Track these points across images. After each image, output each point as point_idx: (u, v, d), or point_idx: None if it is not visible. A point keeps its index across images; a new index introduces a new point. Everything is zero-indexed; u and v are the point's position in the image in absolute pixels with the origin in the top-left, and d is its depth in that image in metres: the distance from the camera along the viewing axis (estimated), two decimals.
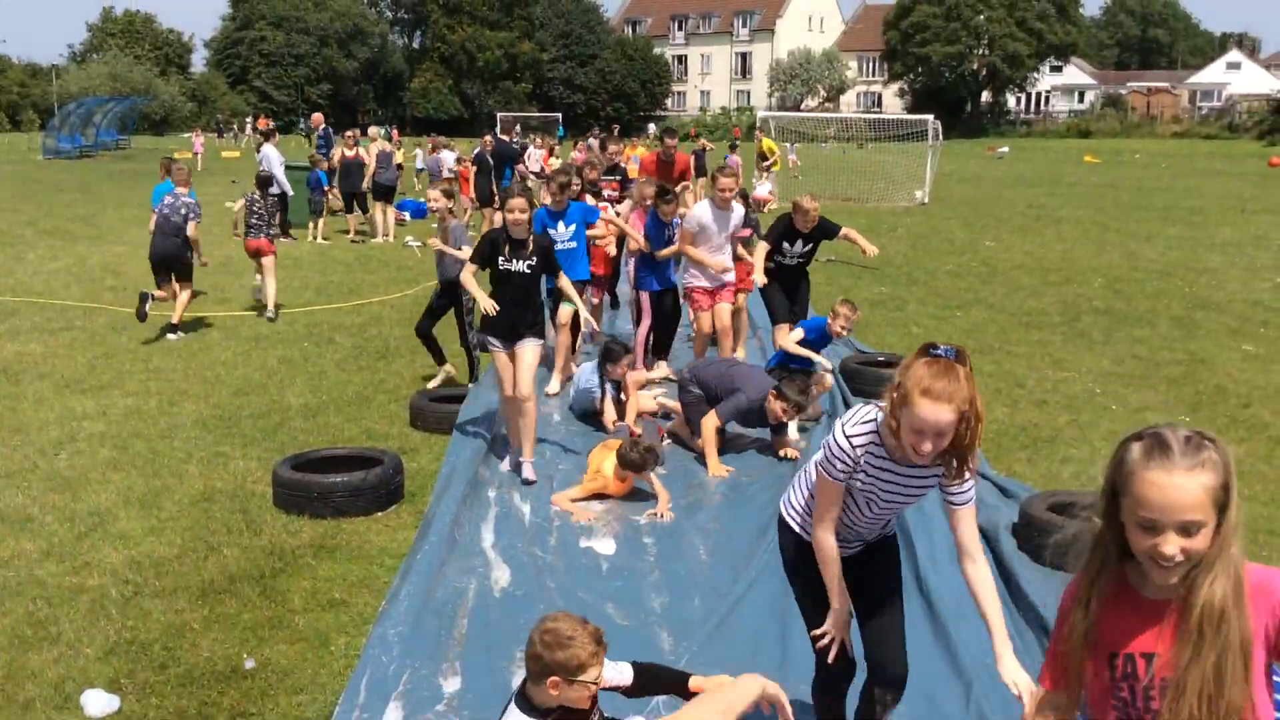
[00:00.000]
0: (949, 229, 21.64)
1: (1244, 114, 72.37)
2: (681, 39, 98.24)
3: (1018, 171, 42.11)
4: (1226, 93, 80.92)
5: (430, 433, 7.87)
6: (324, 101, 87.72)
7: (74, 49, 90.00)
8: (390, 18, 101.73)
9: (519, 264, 6.70)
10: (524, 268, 6.71)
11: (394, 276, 15.22)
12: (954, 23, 76.64)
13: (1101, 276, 15.33)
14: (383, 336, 11.27)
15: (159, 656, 4.65)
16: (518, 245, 6.71)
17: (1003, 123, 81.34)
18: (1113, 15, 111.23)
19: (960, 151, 54.66)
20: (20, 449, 7.45)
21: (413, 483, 6.78)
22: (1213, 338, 11.33)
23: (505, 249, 6.70)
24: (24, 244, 17.62)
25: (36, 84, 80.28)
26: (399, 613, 4.89)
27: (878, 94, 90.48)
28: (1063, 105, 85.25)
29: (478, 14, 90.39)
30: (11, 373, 9.52)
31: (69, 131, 45.62)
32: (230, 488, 6.73)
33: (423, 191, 28.16)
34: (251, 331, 11.47)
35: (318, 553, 5.75)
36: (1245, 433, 7.99)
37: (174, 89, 78.17)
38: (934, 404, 2.94)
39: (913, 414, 2.97)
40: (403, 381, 9.42)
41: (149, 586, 5.32)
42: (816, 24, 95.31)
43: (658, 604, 5.23)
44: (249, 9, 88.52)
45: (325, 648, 4.73)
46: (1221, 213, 25.28)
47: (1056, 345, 10.94)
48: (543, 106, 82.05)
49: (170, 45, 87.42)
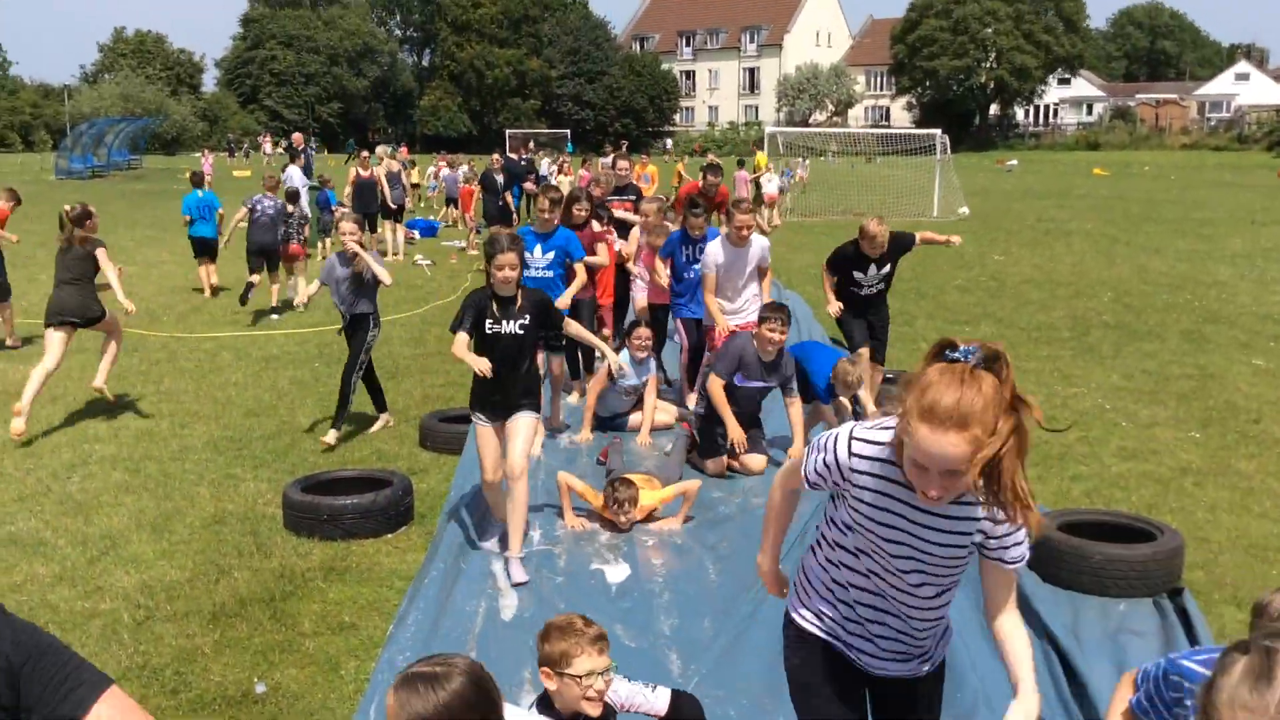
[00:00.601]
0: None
1: (1253, 125, 72.31)
2: (689, 54, 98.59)
3: (1026, 184, 42.10)
4: (1235, 104, 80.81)
5: (439, 453, 7.89)
6: (334, 120, 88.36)
7: (86, 69, 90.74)
8: (400, 36, 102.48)
9: (509, 325, 5.77)
10: (515, 329, 5.78)
11: (404, 296, 15.27)
12: (961, 36, 76.77)
13: (1111, 290, 15.31)
14: (392, 356, 11.31)
15: (171, 682, 4.66)
16: (506, 304, 5.78)
17: (1011, 135, 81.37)
18: (1120, 27, 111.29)
19: (968, 165, 54.66)
20: (33, 472, 7.48)
21: (422, 504, 6.79)
22: (1223, 352, 11.31)
23: (493, 309, 5.78)
24: (36, 265, 17.72)
25: (49, 104, 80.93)
26: (406, 638, 4.90)
27: (886, 108, 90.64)
28: (1071, 118, 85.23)
29: (486, 32, 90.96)
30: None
31: (81, 152, 45.94)
32: (241, 510, 6.76)
33: (430, 209, 28.28)
34: (262, 352, 11.52)
35: (328, 575, 5.77)
36: (1256, 448, 7.96)
37: (185, 109, 78.72)
38: (938, 432, 2.21)
39: (913, 442, 2.28)
40: (412, 401, 9.45)
41: (161, 611, 5.34)
42: (824, 39, 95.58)
43: (667, 626, 5.23)
44: (259, 29, 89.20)
45: (335, 672, 4.75)
46: (1231, 225, 25.24)
47: (1066, 360, 10.93)
48: (551, 123, 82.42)
49: (181, 65, 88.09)
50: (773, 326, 7.12)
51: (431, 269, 18.01)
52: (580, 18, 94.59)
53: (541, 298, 5.97)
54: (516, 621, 5.27)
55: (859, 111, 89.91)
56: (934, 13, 78.37)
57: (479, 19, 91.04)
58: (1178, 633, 4.92)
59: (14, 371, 10.48)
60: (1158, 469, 7.49)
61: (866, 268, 8.41)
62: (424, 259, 18.70)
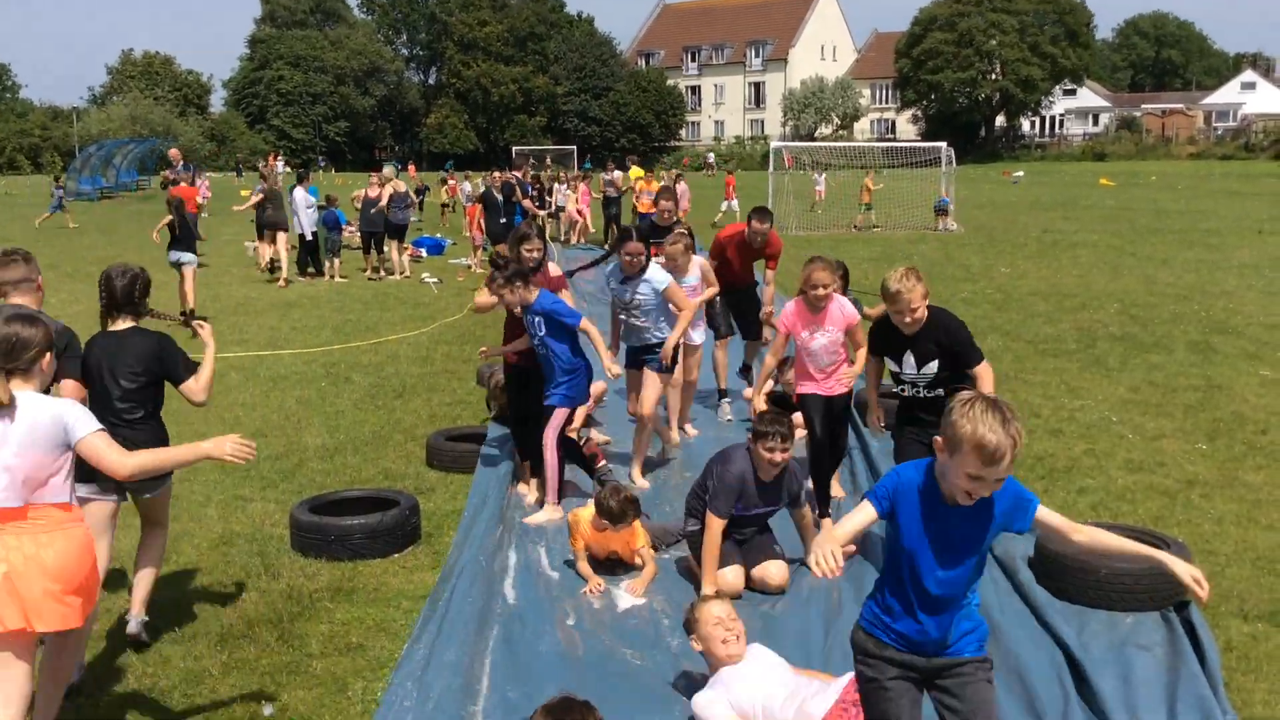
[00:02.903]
0: (964, 256, 21.65)
1: (1260, 134, 72.23)
2: (695, 70, 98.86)
3: (1033, 196, 42.10)
4: (1242, 113, 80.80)
5: (447, 472, 7.90)
6: (341, 139, 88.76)
7: (94, 91, 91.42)
8: (406, 55, 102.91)
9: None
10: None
11: (410, 314, 15.32)
12: (966, 49, 76.86)
13: (1118, 302, 15.30)
14: (399, 375, 11.34)
15: (179, 704, 4.68)
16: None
17: (1017, 147, 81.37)
18: (1126, 37, 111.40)
19: (975, 176, 54.68)
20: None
21: (429, 523, 6.81)
22: (1230, 363, 11.29)
23: None
24: (46, 288, 17.73)
25: (58, 126, 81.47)
26: (417, 661, 4.91)
27: (891, 121, 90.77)
28: (1077, 128, 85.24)
29: (492, 50, 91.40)
30: None
31: (90, 173, 46.19)
32: (249, 531, 6.78)
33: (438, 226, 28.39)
34: (270, 372, 11.56)
35: (335, 596, 5.78)
36: (1263, 460, 7.95)
37: (193, 129, 79.13)
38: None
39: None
40: (419, 420, 9.47)
41: (168, 633, 5.35)
42: (829, 52, 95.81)
43: (675, 644, 5.23)
44: (266, 49, 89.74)
45: (343, 693, 4.76)
46: (1239, 234, 25.21)
47: (1073, 373, 10.91)
48: (558, 139, 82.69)
49: (189, 86, 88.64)
50: (770, 445, 5.56)
51: (439, 287, 18.07)
52: (586, 34, 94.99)
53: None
54: (527, 642, 5.27)
55: (864, 125, 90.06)
56: (939, 25, 78.50)
57: (485, 37, 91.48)
58: (1184, 646, 4.91)
59: None
60: (1164, 481, 7.48)
61: (902, 352, 5.77)
62: (431, 277, 18.77)
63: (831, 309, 6.57)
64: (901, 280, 5.48)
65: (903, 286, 5.47)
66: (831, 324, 6.57)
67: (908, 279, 5.48)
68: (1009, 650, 4.91)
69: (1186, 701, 4.41)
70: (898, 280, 5.49)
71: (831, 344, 6.59)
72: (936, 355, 5.62)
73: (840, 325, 6.59)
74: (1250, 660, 4.93)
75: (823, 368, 6.62)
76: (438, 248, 23.52)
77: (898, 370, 5.81)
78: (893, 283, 5.50)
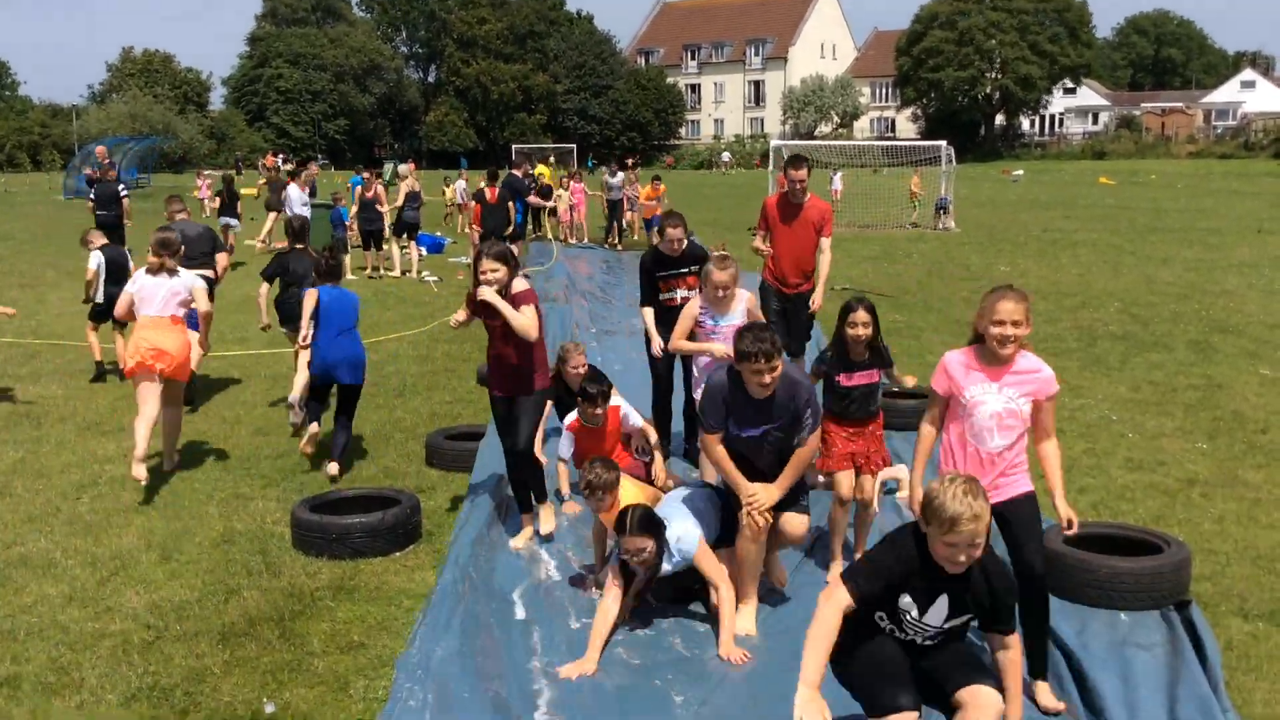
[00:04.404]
0: (964, 255, 21.65)
1: (1259, 133, 72.22)
2: (694, 68, 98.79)
3: (1032, 195, 42.10)
4: (1241, 111, 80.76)
5: (447, 471, 7.91)
6: (341, 137, 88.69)
7: (94, 89, 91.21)
8: (405, 53, 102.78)
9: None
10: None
11: (411, 313, 15.32)
12: (966, 47, 76.82)
13: (1118, 300, 15.31)
14: (400, 374, 11.34)
15: (181, 702, 4.69)
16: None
17: (1017, 145, 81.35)
18: (1126, 36, 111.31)
19: (974, 175, 54.68)
20: (43, 493, 7.52)
21: (430, 522, 6.82)
22: (1230, 362, 11.30)
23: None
24: (46, 285, 17.81)
25: (57, 124, 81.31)
26: (416, 658, 4.92)
27: (891, 119, 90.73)
28: (1077, 127, 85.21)
29: (492, 47, 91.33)
30: (34, 416, 9.62)
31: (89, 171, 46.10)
32: (250, 529, 6.78)
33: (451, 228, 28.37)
34: (270, 370, 11.57)
35: (336, 594, 5.79)
36: (1263, 459, 7.95)
37: (193, 127, 78.97)
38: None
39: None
40: (420, 419, 9.48)
41: (170, 631, 5.36)
42: (829, 51, 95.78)
43: (676, 642, 5.24)
44: (266, 47, 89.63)
45: (344, 691, 4.76)
46: (1238, 233, 25.23)
47: (1073, 372, 10.92)
48: (557, 137, 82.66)
49: (189, 84, 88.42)
50: (757, 367, 4.94)
51: (439, 285, 18.07)
52: (585, 32, 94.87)
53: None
54: (525, 639, 5.28)
55: (864, 123, 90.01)
56: (939, 24, 78.46)
57: (485, 35, 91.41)
58: (1184, 645, 4.91)
59: (23, 393, 10.54)
60: (1165, 480, 7.49)
61: (934, 596, 3.80)
62: (431, 275, 18.77)
63: (1020, 362, 4.52)
64: (963, 499, 3.58)
65: (964, 508, 3.56)
66: (1015, 384, 4.49)
67: (971, 495, 3.59)
68: None
69: (1187, 701, 4.41)
70: (957, 499, 3.57)
71: (1011, 417, 4.48)
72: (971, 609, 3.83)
73: (1034, 389, 4.51)
74: (1251, 659, 4.94)
75: (991, 453, 4.49)
76: (437, 246, 23.51)
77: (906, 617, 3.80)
78: (950, 502, 3.57)
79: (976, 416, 4.47)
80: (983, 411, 4.45)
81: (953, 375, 4.54)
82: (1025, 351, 4.50)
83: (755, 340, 4.93)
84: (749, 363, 4.95)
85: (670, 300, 7.82)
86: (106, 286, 10.69)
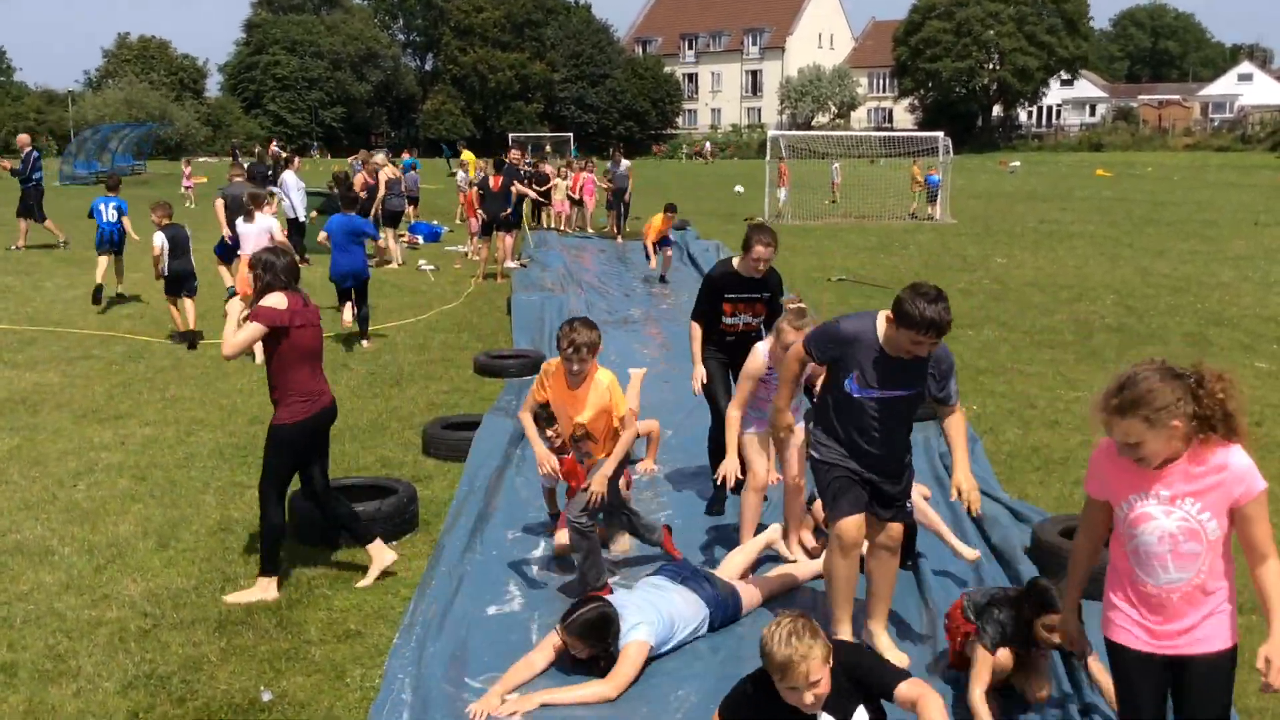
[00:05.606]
0: (960, 246, 21.66)
1: (1256, 125, 72.26)
2: (692, 57, 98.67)
3: (1029, 186, 42.10)
4: (1238, 104, 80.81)
5: (444, 460, 7.92)
6: (337, 124, 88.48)
7: (90, 75, 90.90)
8: (403, 41, 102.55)
9: None
10: None
11: (408, 302, 15.30)
12: (964, 38, 76.80)
13: (1114, 293, 15.33)
14: (396, 363, 11.34)
15: (177, 690, 4.70)
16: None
17: (1014, 137, 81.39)
18: (1123, 28, 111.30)
19: (971, 166, 54.66)
20: (39, 480, 7.52)
21: (427, 511, 6.83)
22: (1225, 355, 11.32)
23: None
24: (41, 272, 17.77)
25: (53, 110, 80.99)
26: (412, 646, 4.93)
27: (888, 110, 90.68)
28: (1074, 118, 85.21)
29: (489, 36, 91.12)
30: (30, 403, 9.61)
31: (85, 158, 45.94)
32: (247, 517, 6.78)
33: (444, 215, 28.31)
34: None
35: (333, 583, 5.80)
36: (1259, 452, 7.93)
37: (189, 114, 78.76)
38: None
39: None
40: (416, 409, 9.48)
41: (167, 619, 5.37)
42: (826, 41, 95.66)
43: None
44: (263, 34, 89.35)
45: (341, 679, 4.78)
46: (1234, 226, 25.25)
47: (1069, 364, 10.94)
48: (554, 126, 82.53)
49: (185, 71, 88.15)
50: (930, 340, 4.64)
51: (435, 274, 18.04)
52: (583, 21, 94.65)
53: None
54: (519, 623, 5.30)
55: (862, 114, 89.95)
56: (936, 14, 78.41)
57: (481, 23, 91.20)
58: None
59: (19, 380, 10.53)
60: None
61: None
62: (427, 264, 18.74)
63: (1190, 467, 3.25)
64: (788, 640, 3.47)
65: (792, 651, 3.45)
66: (1191, 493, 3.25)
67: (797, 635, 3.48)
68: None
69: None
70: (783, 642, 3.47)
71: (1191, 539, 3.30)
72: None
73: (1221, 497, 3.30)
74: (1244, 653, 4.93)
75: (1166, 587, 3.33)
76: (434, 235, 23.48)
77: None
78: (778, 647, 3.47)
79: (1141, 540, 3.25)
80: (1148, 532, 3.24)
81: (1104, 483, 3.33)
82: (1213, 440, 3.25)
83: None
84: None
85: (732, 327, 6.76)
86: (171, 262, 11.85)
